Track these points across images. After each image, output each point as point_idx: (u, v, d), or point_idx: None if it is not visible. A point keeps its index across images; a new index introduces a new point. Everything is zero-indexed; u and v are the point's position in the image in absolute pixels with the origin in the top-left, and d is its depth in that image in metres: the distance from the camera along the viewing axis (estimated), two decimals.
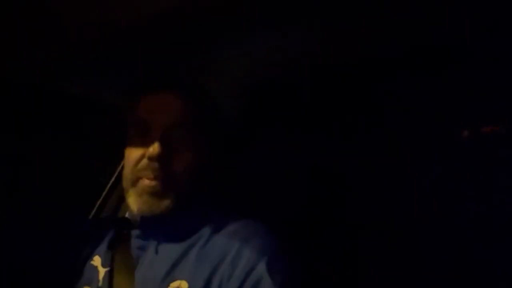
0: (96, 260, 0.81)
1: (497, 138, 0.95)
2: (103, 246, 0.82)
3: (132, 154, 0.77)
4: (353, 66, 1.04)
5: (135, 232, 0.79)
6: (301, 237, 0.98)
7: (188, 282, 0.70)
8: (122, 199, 1.14)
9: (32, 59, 0.91)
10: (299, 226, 1.06)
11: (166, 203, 0.74)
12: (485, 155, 0.96)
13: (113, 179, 1.19)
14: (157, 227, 0.77)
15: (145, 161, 0.75)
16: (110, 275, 0.78)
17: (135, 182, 0.76)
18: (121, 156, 0.83)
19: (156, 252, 0.76)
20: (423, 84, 1.01)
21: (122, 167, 0.82)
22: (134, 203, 0.75)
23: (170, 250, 0.75)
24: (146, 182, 0.74)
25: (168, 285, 0.71)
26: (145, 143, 0.75)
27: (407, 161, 1.04)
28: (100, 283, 0.78)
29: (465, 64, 0.96)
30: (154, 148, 0.73)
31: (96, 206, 1.14)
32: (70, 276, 0.82)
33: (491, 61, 0.93)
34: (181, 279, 0.71)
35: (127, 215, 0.83)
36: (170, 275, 0.72)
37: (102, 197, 1.18)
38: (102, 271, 0.79)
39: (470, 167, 0.96)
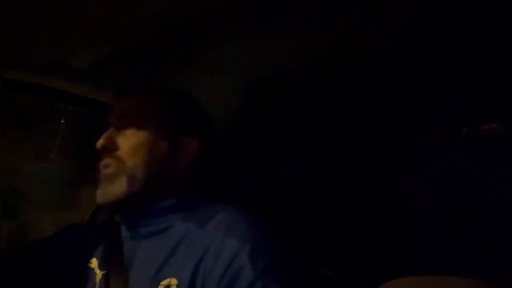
0: (93, 263, 0.82)
1: (496, 136, 0.95)
2: (99, 249, 0.83)
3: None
4: (353, 66, 1.04)
5: (126, 234, 0.80)
6: (290, 227, 0.98)
7: (177, 278, 0.71)
8: None
9: (31, 58, 0.92)
10: (288, 216, 1.06)
11: (118, 184, 0.77)
12: (485, 153, 0.96)
13: None
14: (141, 226, 0.79)
15: (100, 153, 0.80)
16: (106, 278, 0.79)
17: (99, 176, 0.80)
18: None
19: (146, 252, 0.77)
20: (423, 82, 1.01)
21: None
22: (97, 194, 0.79)
23: (160, 249, 0.76)
24: (101, 171, 0.79)
25: (159, 284, 0.71)
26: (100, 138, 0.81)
27: (406, 159, 1.05)
28: (97, 286, 0.79)
29: (464, 62, 0.96)
30: (101, 140, 0.80)
31: (92, 210, 1.14)
32: (67, 279, 0.82)
33: (490, 59, 0.93)
34: (170, 276, 0.72)
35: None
36: (160, 273, 0.73)
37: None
38: (99, 274, 0.80)
39: (470, 165, 0.96)
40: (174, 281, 0.71)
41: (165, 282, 0.71)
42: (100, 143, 0.79)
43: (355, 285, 1.00)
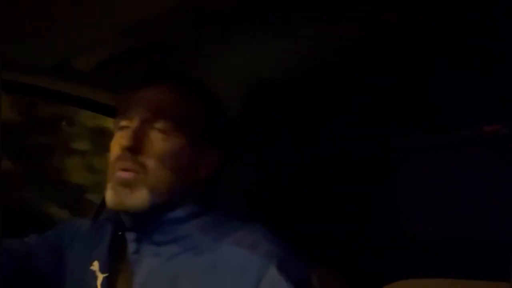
0: (95, 265, 0.78)
1: (498, 138, 0.94)
2: (102, 251, 0.79)
3: (113, 147, 0.74)
4: (353, 66, 1.04)
5: (130, 236, 0.76)
6: (306, 237, 0.98)
7: None
8: None
9: (33, 60, 0.92)
10: (301, 226, 1.06)
11: (138, 196, 0.70)
12: (486, 154, 0.95)
13: None
14: (153, 232, 0.75)
15: (120, 153, 0.72)
16: (107, 281, 0.75)
17: (112, 175, 0.73)
18: None
19: (156, 260, 0.73)
20: (423, 83, 1.01)
21: None
22: (108, 196, 0.72)
23: (172, 258, 0.72)
24: (118, 174, 0.71)
25: None
26: (124, 136, 0.73)
27: (406, 161, 1.04)
28: None
29: (465, 61, 0.96)
30: (127, 139, 0.71)
31: (97, 207, 1.14)
32: (69, 281, 0.81)
33: (493, 59, 0.93)
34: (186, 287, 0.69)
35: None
36: (174, 284, 0.69)
37: (102, 199, 1.18)
38: (100, 277, 0.76)
39: (471, 167, 0.95)
40: None
41: None
42: (125, 143, 0.71)
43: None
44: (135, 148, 0.71)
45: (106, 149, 0.79)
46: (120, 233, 0.79)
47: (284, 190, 1.17)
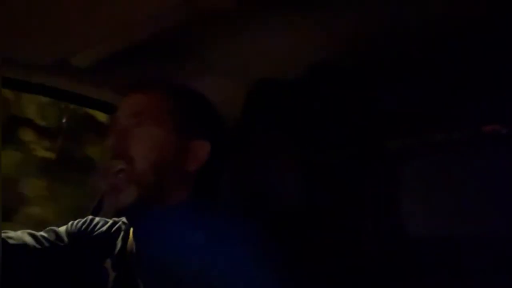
0: (108, 263, 0.80)
1: (497, 138, 0.94)
2: (113, 250, 0.82)
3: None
4: (353, 66, 1.04)
5: (135, 236, 0.79)
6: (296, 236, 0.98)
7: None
8: None
9: (32, 58, 0.92)
10: (295, 224, 1.06)
11: (127, 195, 0.74)
12: (486, 154, 0.95)
13: None
14: (150, 229, 0.78)
15: (108, 153, 0.77)
16: (118, 280, 0.78)
17: (105, 178, 0.77)
18: None
19: (158, 258, 0.75)
20: (423, 83, 1.01)
21: None
22: (105, 205, 0.78)
23: (170, 254, 0.74)
24: (108, 175, 0.76)
25: None
26: (110, 138, 0.78)
27: (406, 161, 1.04)
28: (110, 286, 0.78)
29: (464, 61, 0.96)
30: (108, 142, 0.76)
31: (94, 206, 1.14)
32: (85, 278, 0.82)
33: (491, 58, 0.93)
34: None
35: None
36: (174, 278, 0.72)
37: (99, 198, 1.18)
38: (112, 275, 0.78)
39: (471, 167, 0.96)
40: None
41: None
42: (110, 142, 0.76)
43: None
44: (120, 146, 0.75)
45: None
46: (124, 232, 0.83)
47: (281, 189, 1.17)
